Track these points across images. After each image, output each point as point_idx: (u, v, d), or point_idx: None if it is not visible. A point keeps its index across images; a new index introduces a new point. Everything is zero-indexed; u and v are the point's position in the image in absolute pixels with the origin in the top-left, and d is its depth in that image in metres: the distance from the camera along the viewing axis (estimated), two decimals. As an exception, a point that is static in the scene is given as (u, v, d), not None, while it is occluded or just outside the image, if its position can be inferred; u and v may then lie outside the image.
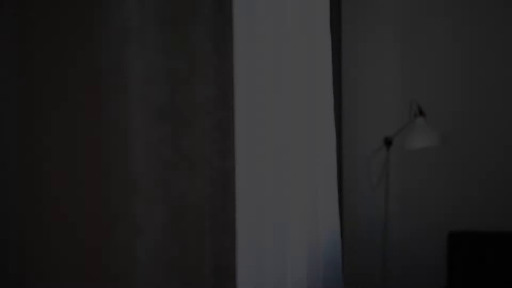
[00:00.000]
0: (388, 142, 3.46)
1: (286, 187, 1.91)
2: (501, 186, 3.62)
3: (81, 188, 0.94)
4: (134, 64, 1.02)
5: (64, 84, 0.93)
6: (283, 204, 1.80)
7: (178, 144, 1.08)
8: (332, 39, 2.87)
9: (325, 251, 2.66)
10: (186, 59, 1.12)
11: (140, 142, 1.02)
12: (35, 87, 0.89)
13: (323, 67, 2.73)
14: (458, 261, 3.30)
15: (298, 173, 2.25)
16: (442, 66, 3.79)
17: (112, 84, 0.98)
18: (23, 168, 0.87)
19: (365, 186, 3.73)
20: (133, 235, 0.99)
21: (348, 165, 3.58)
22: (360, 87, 3.71)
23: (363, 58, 3.74)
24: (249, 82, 1.43)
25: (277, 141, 1.69)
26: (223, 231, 1.18)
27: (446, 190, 3.28)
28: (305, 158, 2.33)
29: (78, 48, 0.94)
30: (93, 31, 0.96)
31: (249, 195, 1.41)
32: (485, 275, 3.44)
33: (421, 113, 3.25)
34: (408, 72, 3.74)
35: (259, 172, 1.45)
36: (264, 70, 1.61)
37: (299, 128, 2.27)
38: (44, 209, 0.88)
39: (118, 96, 0.99)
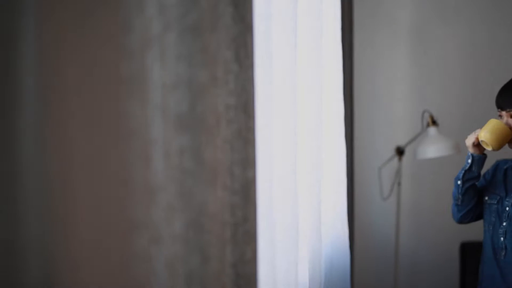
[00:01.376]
0: (400, 152, 3.44)
1: (301, 196, 1.90)
2: None
3: (101, 197, 0.93)
4: (155, 72, 1.02)
5: (86, 91, 0.92)
6: (298, 213, 1.79)
7: (198, 153, 1.07)
8: (343, 48, 2.86)
9: (331, 259, 2.64)
10: (206, 67, 1.11)
11: (160, 151, 1.01)
12: (55, 95, 0.88)
13: (334, 75, 2.72)
14: (470, 272, 3.27)
15: (311, 182, 2.23)
16: (454, 75, 3.77)
17: (133, 92, 0.97)
18: (44, 173, 0.86)
19: (376, 196, 3.71)
20: (152, 245, 0.98)
21: (360, 174, 3.56)
22: (371, 96, 3.70)
23: (375, 67, 3.73)
24: (269, 91, 1.42)
25: (294, 150, 1.68)
26: (244, 241, 1.17)
27: (458, 200, 3.25)
28: (318, 167, 2.32)
29: (99, 56, 0.93)
30: (114, 38, 0.96)
31: (271, 204, 1.40)
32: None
33: (433, 122, 3.24)
34: (420, 81, 3.73)
35: (280, 181, 1.44)
36: (283, 79, 1.60)
37: (312, 137, 2.26)
38: (63, 217, 0.87)
39: (140, 105, 0.98)
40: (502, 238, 2.25)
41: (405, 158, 3.51)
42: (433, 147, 3.17)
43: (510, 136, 2.18)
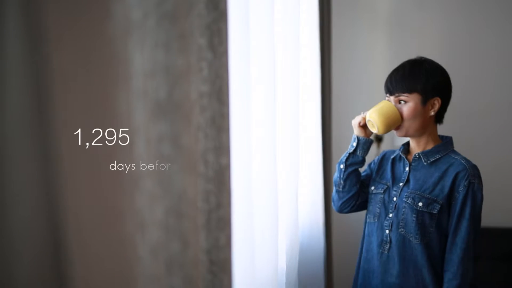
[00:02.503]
0: (378, 139, 3.47)
1: (278, 183, 1.92)
2: (488, 181, 3.63)
3: (84, 185, 0.93)
4: (135, 58, 1.02)
5: (69, 77, 0.91)
6: (275, 200, 1.80)
7: (176, 140, 1.08)
8: (321, 36, 2.87)
9: (307, 245, 2.66)
10: (182, 54, 1.11)
11: (141, 137, 1.02)
12: (39, 82, 0.88)
13: (312, 63, 2.73)
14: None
15: (288, 169, 2.25)
16: (431, 58, 3.79)
17: (115, 78, 0.97)
18: (28, 160, 0.86)
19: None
20: (136, 232, 0.98)
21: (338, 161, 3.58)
22: (350, 83, 3.72)
23: (353, 54, 3.74)
24: (245, 78, 1.43)
25: (271, 137, 1.69)
26: (218, 227, 1.18)
27: (435, 186, 3.29)
28: (294, 154, 2.33)
29: (81, 42, 0.93)
30: (95, 24, 0.95)
31: (245, 191, 1.41)
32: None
33: (411, 109, 3.26)
34: (398, 68, 3.75)
35: (255, 168, 1.44)
36: (259, 66, 1.61)
37: (289, 124, 2.27)
38: (48, 206, 0.87)
39: (121, 91, 0.98)
40: (387, 231, 2.14)
41: (384, 145, 3.54)
42: (411, 134, 3.20)
43: (399, 122, 2.09)
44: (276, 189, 1.70)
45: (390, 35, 3.78)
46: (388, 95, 2.18)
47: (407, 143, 2.29)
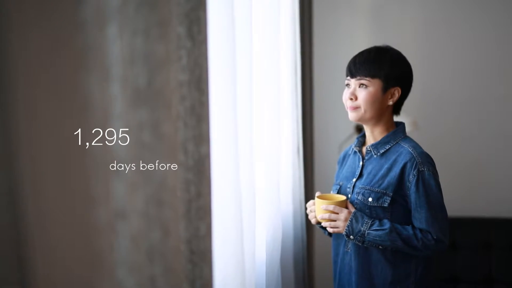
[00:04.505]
0: (359, 129, 3.48)
1: (256, 173, 1.91)
2: (464, 171, 3.66)
3: (61, 172, 0.92)
4: (113, 46, 1.00)
5: (43, 66, 0.90)
6: (253, 190, 1.80)
7: (156, 128, 1.07)
8: (302, 27, 2.87)
9: (287, 234, 2.66)
10: (161, 42, 1.10)
11: (120, 125, 1.01)
12: (11, 70, 0.87)
13: (291, 53, 2.73)
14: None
15: (269, 159, 2.25)
16: (411, 54, 3.81)
17: (91, 66, 0.96)
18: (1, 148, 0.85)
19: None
20: (114, 219, 0.97)
21: (320, 151, 3.58)
22: (331, 75, 3.72)
23: (335, 47, 3.75)
24: (224, 67, 1.42)
25: (249, 126, 1.69)
26: (198, 217, 1.17)
27: (415, 176, 3.32)
28: (274, 143, 2.33)
29: (55, 30, 0.91)
30: (70, 11, 0.94)
31: (225, 180, 1.40)
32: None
33: (391, 99, 3.28)
34: (378, 59, 3.76)
35: (234, 157, 1.44)
36: (239, 56, 1.60)
37: (270, 113, 2.27)
38: (24, 193, 0.86)
39: (98, 79, 0.97)
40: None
41: (364, 135, 3.56)
42: (391, 124, 3.21)
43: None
44: (254, 179, 1.70)
45: (370, 29, 3.79)
46: (349, 77, 2.14)
47: (363, 135, 2.27)
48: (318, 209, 2.08)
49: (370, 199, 2.08)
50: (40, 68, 0.89)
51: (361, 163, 2.17)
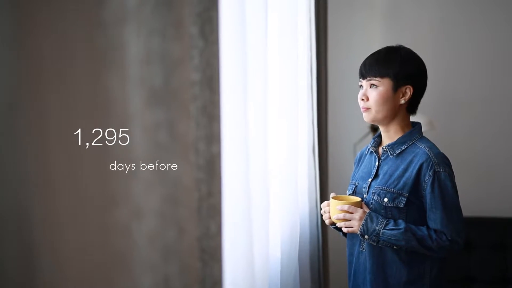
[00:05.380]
0: (374, 129, 3.47)
1: (269, 173, 1.92)
2: (480, 171, 3.63)
3: (80, 172, 0.93)
4: (131, 45, 1.01)
5: (63, 64, 0.91)
6: (268, 188, 1.81)
7: (171, 128, 1.08)
8: (318, 28, 2.87)
9: (303, 235, 2.67)
10: (176, 42, 1.11)
11: (137, 125, 1.02)
12: (30, 70, 0.88)
13: (308, 54, 2.73)
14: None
15: (285, 158, 2.25)
16: (427, 54, 3.79)
17: (110, 65, 0.97)
18: (20, 150, 0.86)
19: (351, 172, 3.74)
20: (132, 219, 0.98)
21: (335, 151, 3.58)
22: (346, 75, 3.71)
23: (350, 47, 3.74)
24: (239, 67, 1.43)
25: (263, 126, 1.69)
26: (209, 215, 1.18)
27: (431, 176, 3.30)
28: (291, 143, 2.34)
29: (74, 29, 0.93)
30: (90, 9, 0.95)
31: (236, 180, 1.41)
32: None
33: (407, 99, 3.26)
34: (394, 59, 3.75)
35: (245, 157, 1.45)
36: (252, 56, 1.60)
37: (283, 112, 2.27)
38: (43, 194, 0.87)
39: (116, 78, 0.98)
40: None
41: (380, 135, 3.54)
42: (407, 124, 3.20)
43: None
44: (267, 178, 1.70)
45: (386, 30, 3.78)
46: (361, 79, 2.15)
47: (379, 135, 2.27)
48: (333, 210, 2.08)
49: (385, 200, 2.07)
50: (58, 68, 0.90)
51: (377, 163, 2.16)
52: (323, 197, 2.96)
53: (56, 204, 0.89)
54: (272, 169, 1.99)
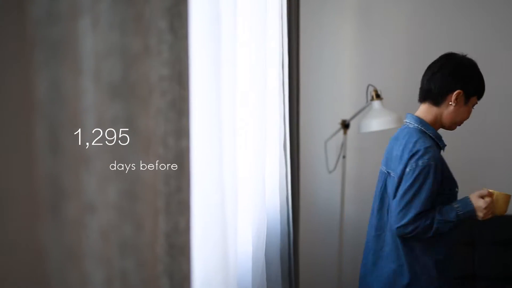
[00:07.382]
0: (345, 125, 3.49)
1: (238, 168, 1.91)
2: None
3: (29, 164, 0.91)
4: (86, 39, 1.00)
5: (12, 58, 0.90)
6: (236, 184, 1.80)
7: (132, 123, 1.07)
8: (289, 22, 2.87)
9: (272, 229, 2.67)
10: (140, 36, 1.10)
11: (93, 119, 1.00)
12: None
13: (278, 49, 2.72)
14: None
15: (254, 154, 2.25)
16: (398, 50, 3.82)
17: (63, 59, 0.96)
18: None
19: (322, 168, 3.76)
20: (84, 213, 0.97)
21: (306, 148, 3.59)
22: (317, 71, 3.73)
23: (321, 42, 3.75)
24: (207, 62, 1.42)
25: (233, 121, 1.69)
26: (178, 211, 1.18)
27: (401, 172, 3.32)
28: (260, 139, 2.33)
29: (24, 22, 0.91)
30: (38, 4, 0.93)
31: (207, 175, 1.41)
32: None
33: (377, 96, 3.29)
34: (365, 56, 3.77)
35: (216, 152, 1.44)
36: (223, 51, 1.60)
37: (251, 108, 2.27)
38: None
39: (71, 72, 0.96)
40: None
41: (350, 131, 3.56)
42: (377, 121, 3.23)
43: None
44: (236, 174, 1.70)
45: (357, 21, 3.79)
46: (478, 100, 2.43)
47: (438, 134, 2.43)
48: (505, 204, 2.28)
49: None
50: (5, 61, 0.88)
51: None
52: (294, 193, 2.96)
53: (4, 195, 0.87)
54: (240, 165, 1.98)
